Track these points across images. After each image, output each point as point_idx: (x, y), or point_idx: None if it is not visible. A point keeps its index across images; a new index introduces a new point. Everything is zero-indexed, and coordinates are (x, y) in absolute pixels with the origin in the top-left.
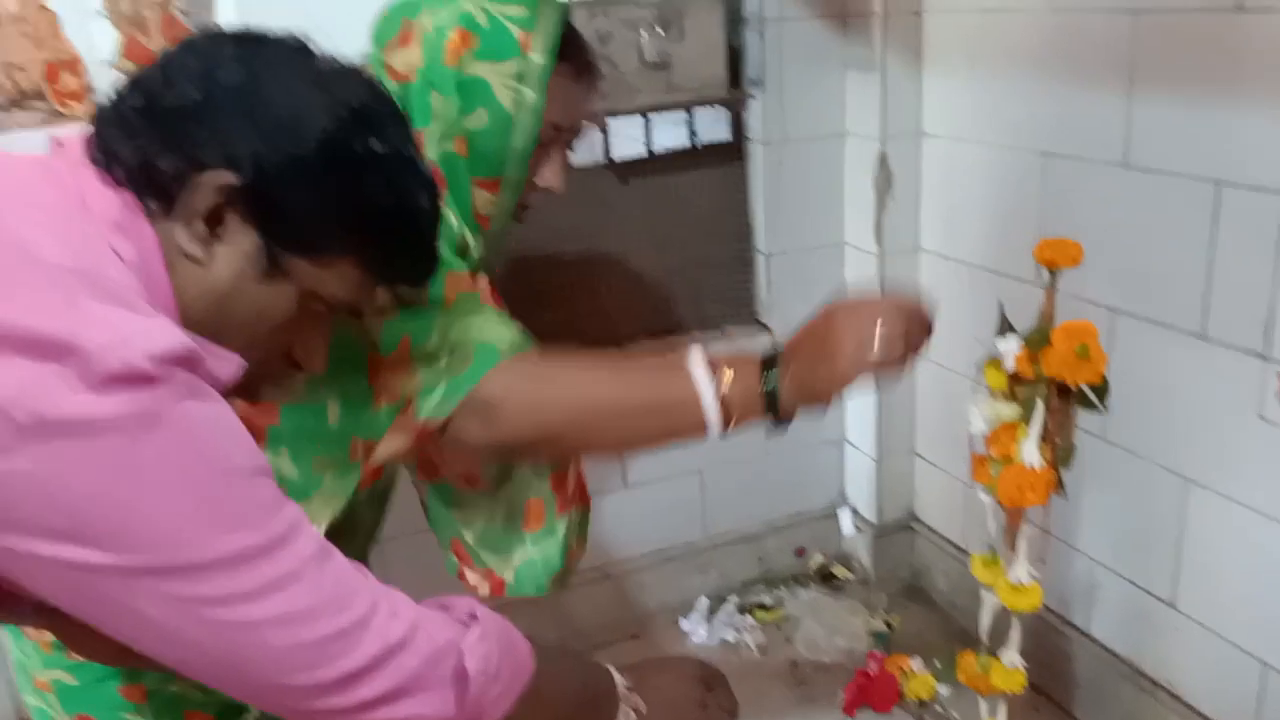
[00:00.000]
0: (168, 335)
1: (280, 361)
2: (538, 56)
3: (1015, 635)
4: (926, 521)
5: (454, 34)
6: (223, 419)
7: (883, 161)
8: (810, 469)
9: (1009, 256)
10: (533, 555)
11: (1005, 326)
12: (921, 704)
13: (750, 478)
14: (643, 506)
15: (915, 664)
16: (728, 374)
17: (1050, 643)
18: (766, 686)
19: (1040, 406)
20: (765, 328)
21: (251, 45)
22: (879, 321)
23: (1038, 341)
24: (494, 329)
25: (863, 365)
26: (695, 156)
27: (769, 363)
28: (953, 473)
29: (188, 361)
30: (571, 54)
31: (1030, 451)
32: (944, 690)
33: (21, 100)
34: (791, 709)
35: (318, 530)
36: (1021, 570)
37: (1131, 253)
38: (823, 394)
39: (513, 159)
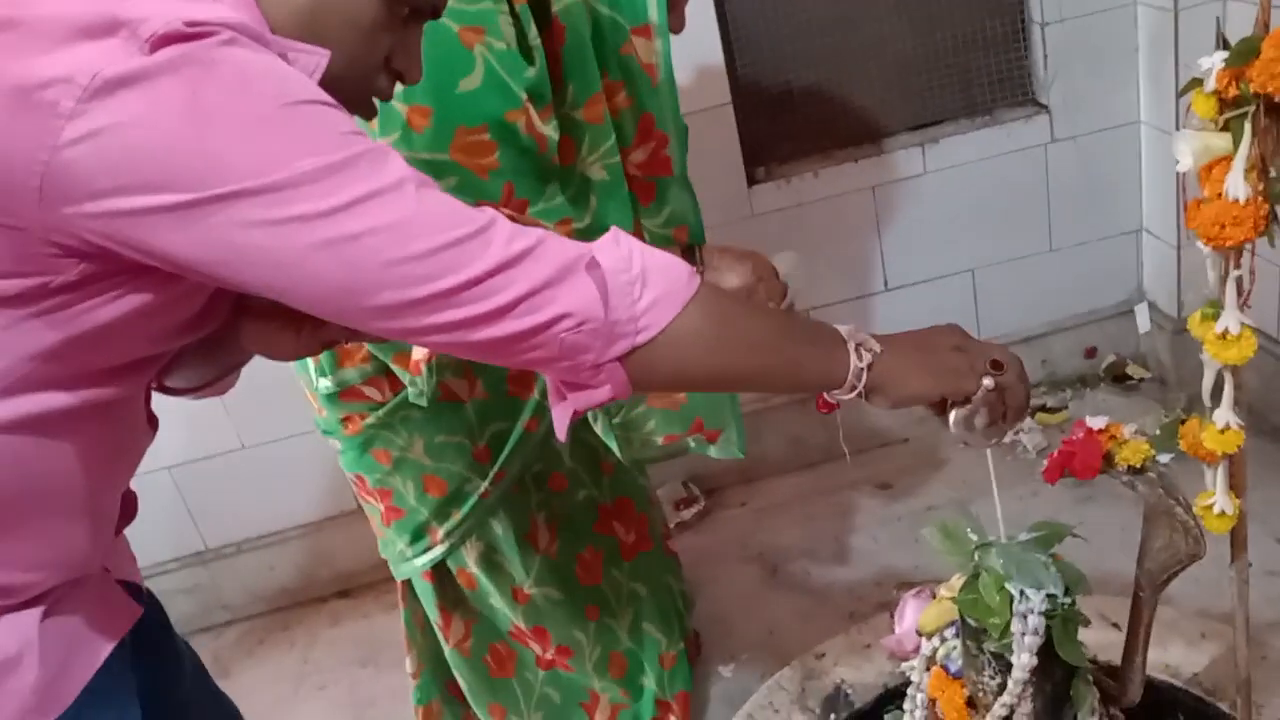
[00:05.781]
0: (215, 9)
1: (384, 74)
2: None
3: (1228, 392)
4: None
5: None
6: (278, 65)
7: None
8: (1103, 264)
9: None
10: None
11: (1221, 44)
12: (1134, 471)
13: (1032, 276)
14: (907, 309)
15: (1128, 430)
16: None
17: None
18: (1039, 485)
19: (1247, 129)
20: (1043, 107)
21: None
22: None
23: (1244, 54)
24: None
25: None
26: None
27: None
28: (1270, 258)
29: (239, 28)
30: None
31: (1235, 182)
32: (1165, 459)
33: None
34: (1068, 508)
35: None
36: (1230, 318)
37: None
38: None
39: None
